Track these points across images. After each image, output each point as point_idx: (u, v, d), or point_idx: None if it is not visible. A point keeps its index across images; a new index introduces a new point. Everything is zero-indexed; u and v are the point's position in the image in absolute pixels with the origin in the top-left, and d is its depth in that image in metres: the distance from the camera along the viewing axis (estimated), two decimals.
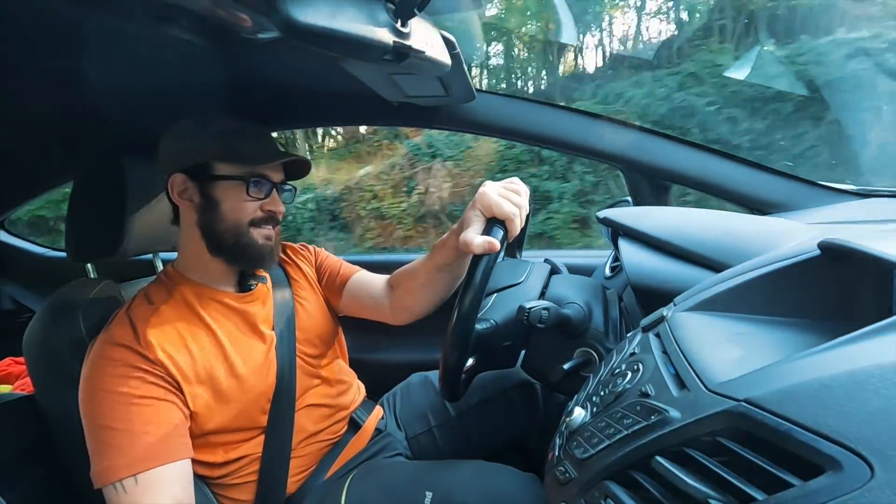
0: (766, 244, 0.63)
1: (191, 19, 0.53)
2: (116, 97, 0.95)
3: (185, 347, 0.74)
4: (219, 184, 0.78)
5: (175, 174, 0.78)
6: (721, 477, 0.30)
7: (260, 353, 0.81)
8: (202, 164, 0.78)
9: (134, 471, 0.66)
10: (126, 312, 0.76)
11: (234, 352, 0.78)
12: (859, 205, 0.91)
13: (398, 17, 0.53)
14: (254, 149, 0.80)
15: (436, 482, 0.75)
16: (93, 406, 0.69)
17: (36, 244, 1.78)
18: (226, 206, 0.78)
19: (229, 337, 0.79)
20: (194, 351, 0.75)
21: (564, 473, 0.45)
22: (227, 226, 0.78)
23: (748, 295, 0.49)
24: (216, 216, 0.78)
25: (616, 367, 0.50)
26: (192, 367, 0.74)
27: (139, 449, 0.67)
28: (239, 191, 0.78)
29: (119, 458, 0.66)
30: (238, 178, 0.77)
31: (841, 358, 0.31)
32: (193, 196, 0.79)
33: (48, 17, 0.63)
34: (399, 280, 0.94)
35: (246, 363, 0.79)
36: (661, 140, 1.05)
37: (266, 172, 0.80)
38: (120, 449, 0.67)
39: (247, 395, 0.78)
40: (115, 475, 0.65)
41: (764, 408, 0.30)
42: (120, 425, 0.67)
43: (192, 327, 0.77)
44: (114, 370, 0.69)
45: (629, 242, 0.77)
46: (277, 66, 0.95)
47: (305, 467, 0.86)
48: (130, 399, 0.69)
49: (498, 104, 1.10)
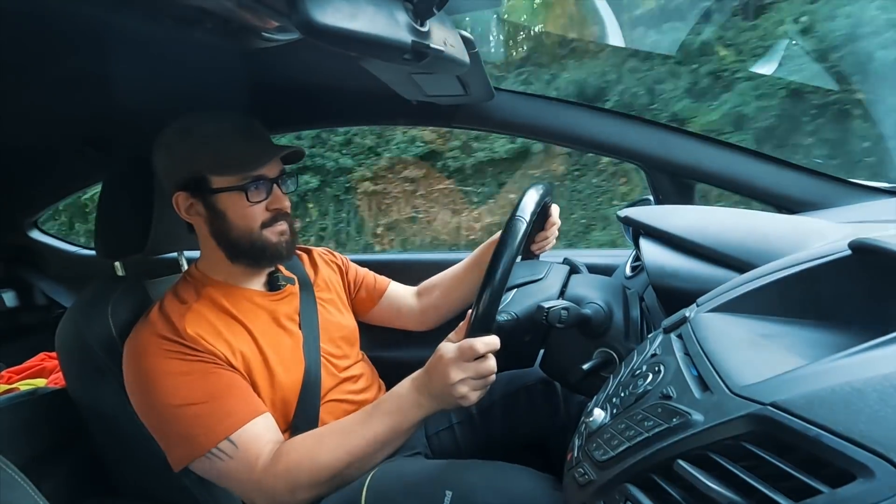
0: (793, 244, 0.61)
1: (214, 21, 0.54)
2: (142, 97, 0.98)
3: (223, 339, 0.77)
4: (219, 196, 0.79)
5: (177, 193, 0.80)
6: (746, 482, 0.30)
7: (288, 349, 0.83)
8: (198, 178, 0.78)
9: (227, 432, 0.69)
10: (160, 310, 0.78)
11: (266, 345, 0.80)
12: (893, 203, 0.88)
13: (417, 17, 0.53)
14: (243, 152, 0.79)
15: (455, 481, 0.75)
16: (157, 393, 0.71)
17: (68, 242, 1.84)
18: (232, 215, 0.79)
19: (260, 331, 0.81)
20: (231, 342, 0.77)
21: (583, 475, 0.44)
22: (239, 233, 0.80)
23: (775, 296, 0.48)
24: (226, 225, 0.80)
25: (637, 368, 0.50)
26: (233, 355, 0.76)
27: (224, 412, 0.70)
28: (240, 198, 0.79)
29: (206, 427, 0.69)
30: (235, 188, 0.78)
31: (873, 362, 0.30)
32: (200, 210, 0.80)
33: (75, 19, 0.65)
34: (433, 286, 1.08)
35: (277, 357, 0.81)
36: (684, 137, 1.03)
37: (262, 172, 0.79)
38: (204, 419, 0.69)
39: (276, 389, 0.80)
40: (208, 444, 0.68)
41: (791, 412, 0.29)
42: (194, 399, 0.70)
43: (226, 321, 0.79)
44: (168, 356, 0.72)
45: (650, 242, 0.76)
46: (297, 67, 0.96)
47: None
48: (196, 375, 0.72)
49: (517, 102, 1.09)
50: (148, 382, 0.72)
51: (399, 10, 0.51)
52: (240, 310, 0.81)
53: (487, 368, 0.65)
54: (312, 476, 0.69)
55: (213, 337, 0.76)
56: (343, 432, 0.72)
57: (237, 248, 0.81)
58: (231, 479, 0.71)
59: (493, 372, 0.66)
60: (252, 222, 0.80)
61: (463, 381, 0.65)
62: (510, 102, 1.09)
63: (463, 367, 0.65)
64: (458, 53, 0.67)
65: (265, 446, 0.71)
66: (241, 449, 0.69)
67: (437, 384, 0.67)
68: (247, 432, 0.70)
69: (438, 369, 0.66)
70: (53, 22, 0.65)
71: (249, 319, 0.81)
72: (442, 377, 0.66)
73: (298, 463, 0.69)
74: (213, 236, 0.82)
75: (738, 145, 1.01)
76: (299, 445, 0.71)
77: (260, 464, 0.69)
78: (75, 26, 0.67)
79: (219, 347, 0.75)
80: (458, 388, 0.65)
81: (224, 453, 0.69)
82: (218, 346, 0.75)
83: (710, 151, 1.01)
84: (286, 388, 0.81)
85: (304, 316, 0.89)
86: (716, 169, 1.00)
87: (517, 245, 0.67)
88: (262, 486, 0.69)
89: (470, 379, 0.65)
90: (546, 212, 0.93)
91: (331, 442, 0.71)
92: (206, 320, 0.77)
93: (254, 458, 0.69)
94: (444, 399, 0.68)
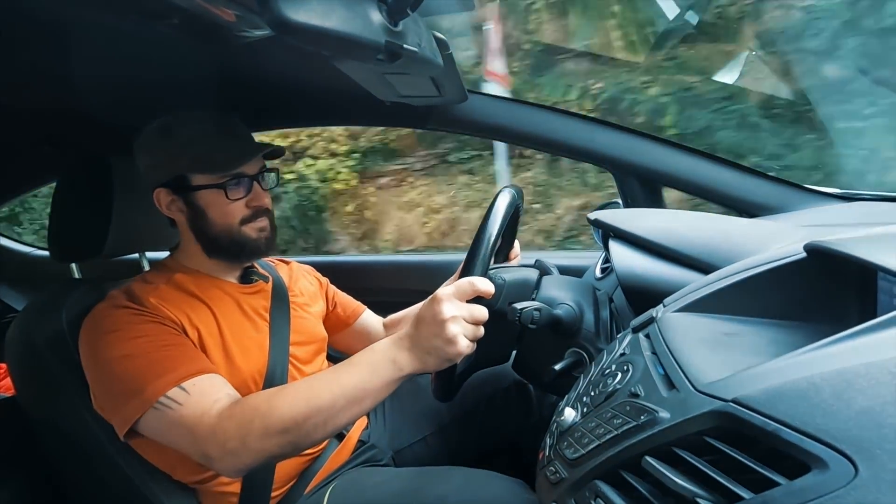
0: (753, 246, 0.63)
1: (182, 17, 0.52)
2: (103, 95, 0.94)
3: (184, 313, 0.75)
4: (199, 193, 0.79)
5: (158, 189, 0.80)
6: (709, 476, 0.31)
7: (252, 340, 0.82)
8: (179, 176, 0.78)
9: (179, 380, 0.65)
10: (123, 290, 0.76)
11: (226, 327, 0.79)
12: (845, 208, 0.93)
13: (391, 17, 0.53)
14: (224, 151, 0.79)
15: (422, 495, 0.73)
16: (102, 348, 0.68)
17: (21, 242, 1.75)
18: (212, 213, 0.80)
19: (223, 314, 0.80)
20: (192, 317, 0.76)
21: (555, 473, 0.45)
22: (219, 230, 0.80)
23: (736, 296, 0.50)
24: (206, 222, 0.80)
25: (606, 367, 0.51)
26: (190, 327, 0.75)
27: (176, 362, 0.67)
28: (220, 196, 0.79)
29: (156, 374, 0.65)
30: (215, 186, 0.78)
31: (828, 358, 0.31)
32: (181, 207, 0.80)
33: (36, 13, 0.62)
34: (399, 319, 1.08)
35: (236, 342, 0.79)
36: (651, 142, 1.06)
37: (241, 170, 0.80)
38: (155, 366, 0.66)
39: (234, 373, 0.76)
40: (157, 391, 0.64)
41: (751, 407, 0.30)
42: (145, 350, 0.67)
43: (191, 302, 0.78)
44: (120, 317, 0.70)
45: (619, 244, 0.77)
46: (269, 65, 0.94)
47: (288, 478, 0.84)
48: (143, 330, 0.69)
49: (490, 105, 1.10)
50: (98, 342, 0.69)
51: (373, 10, 0.51)
52: (206, 295, 0.80)
53: (481, 312, 0.62)
54: (267, 423, 0.61)
55: (174, 308, 0.75)
56: (306, 384, 0.66)
57: (216, 244, 0.81)
58: (182, 427, 0.64)
59: (485, 319, 0.62)
60: (231, 219, 0.80)
61: (455, 319, 0.60)
62: (483, 105, 1.10)
63: (458, 306, 0.60)
64: (432, 54, 0.67)
65: (220, 393, 0.66)
66: (193, 395, 0.64)
67: (428, 327, 0.61)
68: (201, 381, 0.66)
69: (432, 307, 0.61)
70: (10, 15, 0.62)
71: (214, 303, 0.80)
72: (434, 315, 0.60)
73: (255, 407, 0.63)
74: (192, 232, 0.82)
75: (703, 151, 1.04)
76: (259, 393, 0.67)
77: (216, 408, 0.64)
78: (34, 20, 0.64)
79: (178, 317, 0.74)
80: (451, 326, 0.59)
81: (174, 401, 0.64)
82: (178, 316, 0.74)
83: (677, 157, 1.04)
84: (244, 374, 0.78)
85: (274, 313, 0.87)
86: (682, 173, 1.04)
87: (492, 243, 0.67)
88: (214, 430, 0.62)
89: (463, 319, 0.60)
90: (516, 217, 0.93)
91: (292, 391, 0.65)
92: (171, 300, 0.76)
93: (208, 403, 0.64)
94: (431, 347, 0.61)
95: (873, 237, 0.45)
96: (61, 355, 0.76)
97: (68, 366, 0.75)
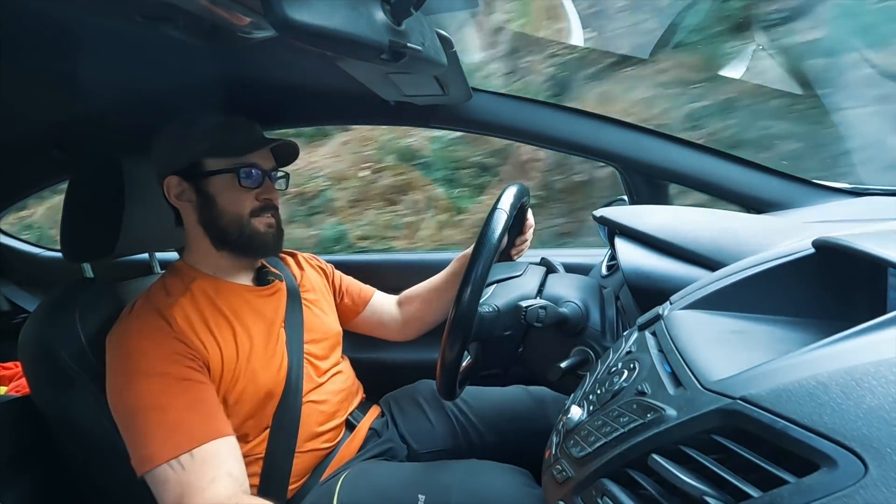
0: (761, 242, 0.63)
1: (187, 19, 0.53)
2: (113, 97, 0.95)
3: (211, 336, 0.76)
4: (212, 179, 0.79)
5: (168, 177, 0.80)
6: (717, 474, 0.30)
7: (272, 350, 0.82)
8: (193, 163, 0.79)
9: (190, 446, 0.66)
10: (147, 303, 0.77)
11: (250, 343, 0.80)
12: (854, 203, 0.92)
13: (394, 17, 0.53)
14: (240, 139, 0.81)
15: (429, 484, 0.75)
16: (134, 391, 0.69)
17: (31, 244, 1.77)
18: (223, 201, 0.80)
19: (246, 330, 0.81)
20: (219, 339, 0.77)
21: (562, 472, 0.45)
22: (228, 220, 0.81)
23: (744, 293, 0.49)
24: (216, 212, 0.80)
25: (613, 365, 0.50)
26: (219, 355, 0.76)
27: (192, 425, 0.68)
28: (232, 183, 0.80)
29: (173, 436, 0.67)
30: (228, 171, 0.79)
31: (836, 355, 0.31)
32: (190, 196, 0.81)
33: (44, 17, 0.63)
34: (413, 296, 1.08)
35: (260, 356, 0.80)
36: (658, 139, 1.05)
37: (255, 161, 0.81)
38: (172, 427, 0.67)
39: (259, 387, 0.78)
40: (171, 452, 0.66)
41: (760, 405, 0.30)
42: (169, 404, 0.68)
43: (215, 317, 0.79)
44: (154, 353, 0.71)
45: (625, 241, 0.77)
46: (274, 65, 0.95)
47: (304, 471, 0.85)
48: (175, 379, 0.70)
49: (495, 103, 1.10)
50: (128, 376, 0.69)
51: (376, 10, 0.51)
52: (228, 306, 0.81)
53: None
54: None
55: (203, 334, 0.75)
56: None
57: (225, 236, 0.81)
58: (176, 486, 0.66)
59: None
60: (241, 209, 0.81)
61: None
62: (488, 103, 1.09)
63: None
64: (436, 53, 0.67)
65: (220, 470, 0.67)
66: (197, 465, 0.66)
67: None
68: (209, 450, 0.68)
69: None
70: (20, 19, 0.62)
71: (237, 316, 0.81)
72: None
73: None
74: (201, 223, 0.82)
75: (709, 147, 1.03)
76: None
77: (207, 494, 0.65)
78: (43, 24, 0.65)
79: (208, 346, 0.75)
80: None
81: (181, 466, 0.66)
82: (208, 344, 0.75)
83: (683, 153, 1.04)
84: (268, 386, 0.80)
85: (288, 316, 0.88)
86: (688, 170, 1.03)
87: (498, 237, 0.67)
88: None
89: None
90: (523, 214, 0.94)
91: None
92: (196, 315, 0.77)
93: (205, 481, 0.66)
94: None
95: (883, 233, 0.44)
96: (75, 354, 0.77)
97: (84, 368, 0.76)
